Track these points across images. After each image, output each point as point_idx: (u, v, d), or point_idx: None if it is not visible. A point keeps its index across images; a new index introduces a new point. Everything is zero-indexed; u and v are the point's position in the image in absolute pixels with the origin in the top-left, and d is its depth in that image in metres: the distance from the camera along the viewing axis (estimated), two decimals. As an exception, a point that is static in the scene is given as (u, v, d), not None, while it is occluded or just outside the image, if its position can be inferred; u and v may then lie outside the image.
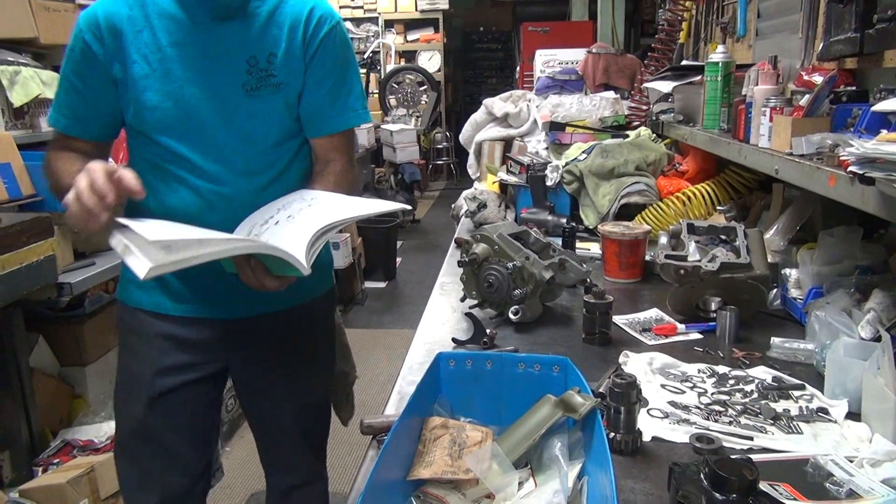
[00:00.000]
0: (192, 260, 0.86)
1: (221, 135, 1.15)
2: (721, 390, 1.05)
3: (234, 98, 1.14)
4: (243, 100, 1.15)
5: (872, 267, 1.22)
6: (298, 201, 1.11)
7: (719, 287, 1.31)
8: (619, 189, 1.93)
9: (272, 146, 1.19)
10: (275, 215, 1.07)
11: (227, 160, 1.16)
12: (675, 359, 1.15)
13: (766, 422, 0.96)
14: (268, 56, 1.15)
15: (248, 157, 1.17)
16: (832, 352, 1.01)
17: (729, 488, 0.72)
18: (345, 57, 1.23)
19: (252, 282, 1.01)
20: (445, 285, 1.61)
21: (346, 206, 1.06)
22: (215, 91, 1.13)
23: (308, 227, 0.98)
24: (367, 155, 5.46)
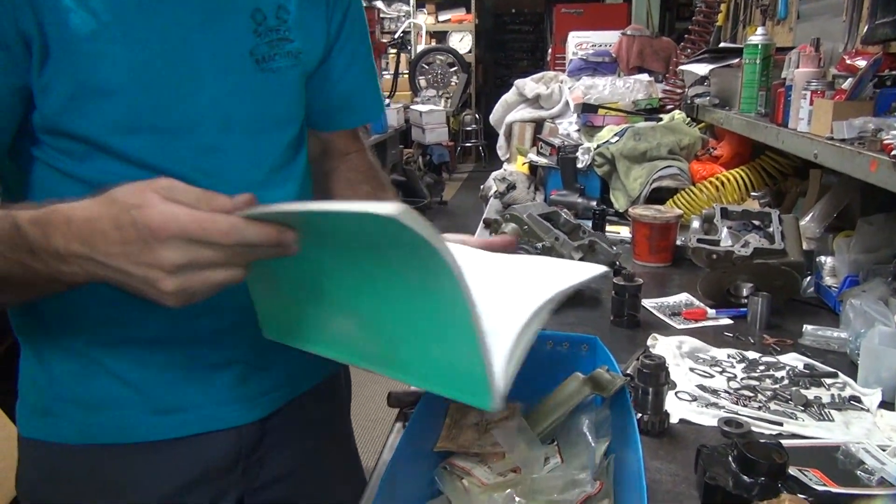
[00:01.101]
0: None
1: (218, 133, 0.75)
2: (751, 375, 1.04)
3: (240, 72, 0.76)
4: (253, 75, 0.77)
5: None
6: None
7: (752, 273, 1.29)
8: (650, 173, 1.91)
9: (287, 147, 0.83)
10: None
11: (226, 173, 0.75)
12: (705, 343, 1.14)
13: (797, 408, 0.94)
14: (276, 10, 0.78)
15: (256, 166, 0.79)
16: (867, 340, 0.99)
17: (757, 471, 0.71)
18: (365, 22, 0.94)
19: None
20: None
21: (543, 274, 0.66)
22: (211, 62, 0.73)
23: (505, 318, 0.56)
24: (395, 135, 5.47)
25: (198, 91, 0.73)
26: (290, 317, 0.67)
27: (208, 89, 0.74)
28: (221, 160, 0.76)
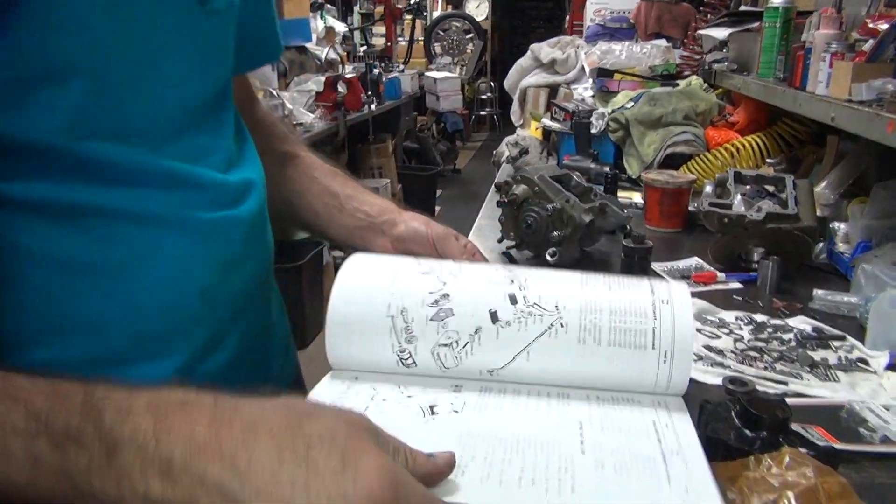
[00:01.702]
0: None
1: (162, 91, 0.58)
2: (758, 337, 1.04)
3: (186, 17, 0.60)
4: (199, 22, 0.62)
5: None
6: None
7: (763, 237, 1.28)
8: (665, 138, 1.89)
9: (222, 102, 0.69)
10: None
11: (164, 141, 0.58)
12: (714, 305, 1.14)
13: (803, 369, 0.94)
14: None
15: (196, 127, 0.62)
16: (877, 303, 0.99)
17: (760, 426, 0.71)
18: None
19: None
20: (483, 227, 1.61)
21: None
22: (153, 6, 0.56)
23: None
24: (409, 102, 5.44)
25: (133, 45, 0.55)
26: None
27: (149, 42, 0.57)
28: (163, 130, 0.60)
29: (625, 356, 0.56)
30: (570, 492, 0.42)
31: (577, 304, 0.58)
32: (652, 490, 0.43)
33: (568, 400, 0.56)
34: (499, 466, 0.44)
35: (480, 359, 0.57)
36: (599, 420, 0.53)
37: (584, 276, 0.63)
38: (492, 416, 0.52)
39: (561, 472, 0.44)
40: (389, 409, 0.53)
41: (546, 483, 0.42)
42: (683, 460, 0.48)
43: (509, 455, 0.45)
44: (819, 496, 0.61)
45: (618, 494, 0.42)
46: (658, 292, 0.59)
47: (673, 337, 0.56)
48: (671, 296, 0.59)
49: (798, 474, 0.63)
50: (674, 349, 0.56)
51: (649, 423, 0.53)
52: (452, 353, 0.57)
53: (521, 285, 0.60)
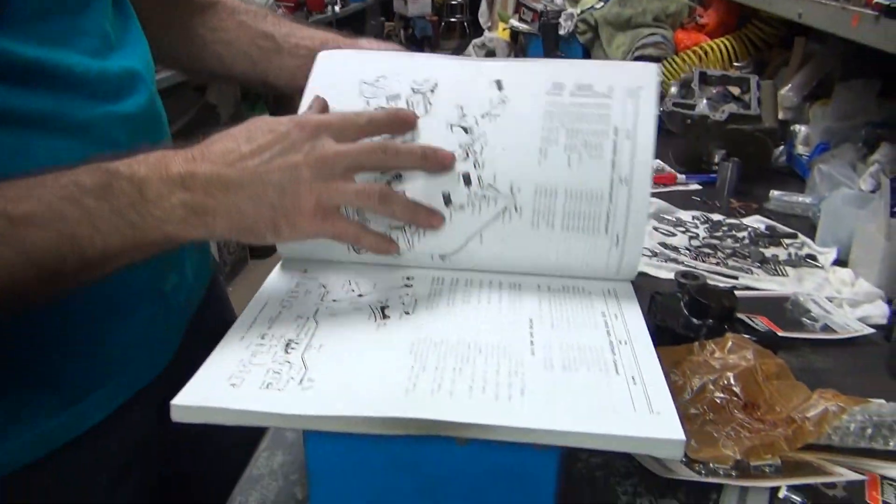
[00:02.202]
0: None
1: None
2: (713, 235, 1.05)
3: None
4: None
5: (885, 122, 1.18)
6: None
7: (725, 139, 1.28)
8: (634, 40, 1.85)
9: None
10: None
11: (21, 24, 0.50)
12: (672, 205, 1.14)
13: (754, 265, 0.96)
14: None
15: (61, 4, 0.54)
16: (829, 201, 1.00)
17: (706, 314, 0.73)
18: None
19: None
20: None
21: None
22: None
23: None
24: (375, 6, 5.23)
25: None
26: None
27: None
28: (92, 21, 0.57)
29: (577, 240, 0.56)
30: (520, 395, 0.42)
31: (532, 186, 0.56)
32: (599, 382, 0.44)
33: (520, 293, 0.56)
34: (450, 377, 0.44)
35: (433, 242, 0.57)
36: (550, 316, 0.53)
37: (546, 131, 0.57)
38: (443, 318, 0.51)
39: (511, 377, 0.44)
40: (340, 311, 0.52)
41: (496, 389, 0.43)
42: (631, 349, 0.48)
43: (460, 364, 0.45)
44: (757, 376, 0.63)
45: (566, 391, 0.43)
46: (619, 166, 0.56)
47: (627, 221, 0.55)
48: (632, 170, 0.56)
49: (739, 357, 0.65)
50: (626, 233, 0.55)
51: (598, 314, 0.53)
52: (405, 236, 0.57)
53: (477, 160, 0.57)
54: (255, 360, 0.45)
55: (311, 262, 0.59)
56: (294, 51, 0.74)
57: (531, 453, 0.42)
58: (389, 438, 0.42)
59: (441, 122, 0.59)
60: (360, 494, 0.44)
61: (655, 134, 0.58)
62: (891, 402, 0.62)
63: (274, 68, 0.75)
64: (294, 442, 0.61)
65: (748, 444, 0.56)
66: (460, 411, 0.40)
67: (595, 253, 0.56)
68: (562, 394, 0.42)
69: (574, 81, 0.60)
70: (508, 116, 0.59)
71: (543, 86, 0.60)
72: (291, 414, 0.41)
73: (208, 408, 0.41)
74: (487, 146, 0.58)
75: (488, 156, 0.57)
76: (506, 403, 0.41)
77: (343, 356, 0.46)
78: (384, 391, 0.42)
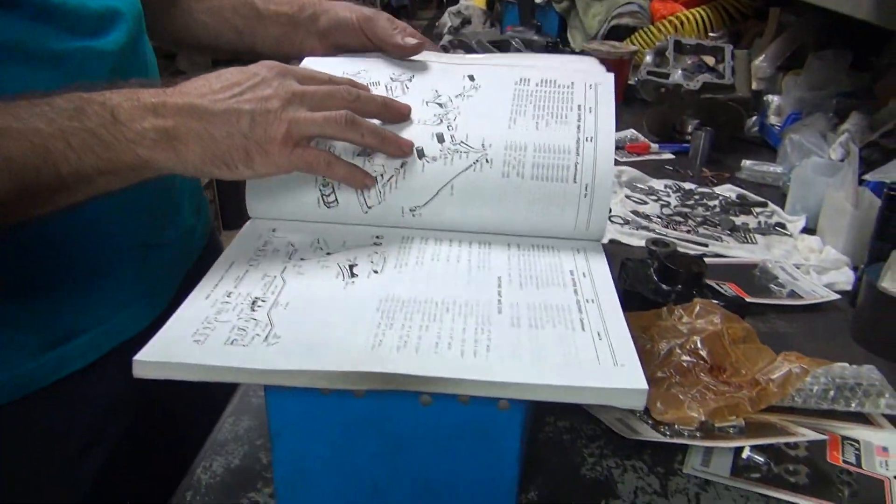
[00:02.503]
0: None
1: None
2: (685, 204, 1.05)
3: None
4: None
5: (856, 93, 1.19)
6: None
7: (698, 108, 1.28)
8: (610, 9, 1.83)
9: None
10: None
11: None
12: (645, 174, 1.14)
13: (724, 232, 0.97)
14: None
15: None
16: (799, 169, 1.01)
17: (676, 280, 0.74)
18: None
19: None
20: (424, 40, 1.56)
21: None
22: None
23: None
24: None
25: None
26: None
27: None
28: None
29: (547, 191, 0.56)
30: (486, 351, 0.42)
31: (502, 142, 0.58)
32: (565, 339, 0.44)
33: (489, 253, 0.56)
34: (416, 333, 0.44)
35: (404, 195, 0.56)
36: (519, 275, 0.52)
37: (515, 107, 0.61)
38: (412, 277, 0.51)
39: (477, 334, 0.44)
40: (308, 270, 0.52)
41: (462, 346, 0.43)
42: (598, 307, 0.48)
43: (427, 321, 0.45)
44: (723, 340, 0.63)
45: (532, 347, 0.43)
46: (584, 128, 0.58)
47: (594, 172, 0.56)
48: (596, 133, 0.58)
49: (706, 321, 0.66)
50: (594, 184, 0.55)
51: (567, 273, 0.53)
52: (376, 189, 0.56)
53: (450, 124, 0.59)
54: (221, 317, 0.44)
55: (279, 221, 0.59)
56: (275, 18, 0.73)
57: (494, 413, 0.41)
58: (351, 398, 0.41)
59: (417, 100, 0.61)
60: (322, 454, 0.44)
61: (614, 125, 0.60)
62: (853, 365, 0.63)
63: (259, 37, 0.74)
64: (259, 407, 0.60)
65: (713, 405, 0.57)
66: (425, 366, 0.40)
67: (565, 202, 0.56)
68: (527, 349, 0.42)
69: (539, 77, 0.64)
70: (480, 96, 0.63)
71: (512, 79, 0.64)
72: (255, 369, 0.40)
73: (171, 363, 0.40)
74: (461, 115, 0.60)
75: (461, 122, 0.59)
76: (471, 359, 0.41)
77: (309, 314, 0.46)
78: (350, 347, 0.42)
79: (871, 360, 0.68)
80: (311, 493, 0.45)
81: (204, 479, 0.52)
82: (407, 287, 0.49)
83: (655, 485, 0.53)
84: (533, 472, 0.54)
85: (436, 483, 0.45)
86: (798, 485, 0.53)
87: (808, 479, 0.54)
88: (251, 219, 0.59)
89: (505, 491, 0.45)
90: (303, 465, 0.45)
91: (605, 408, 0.60)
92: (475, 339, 0.43)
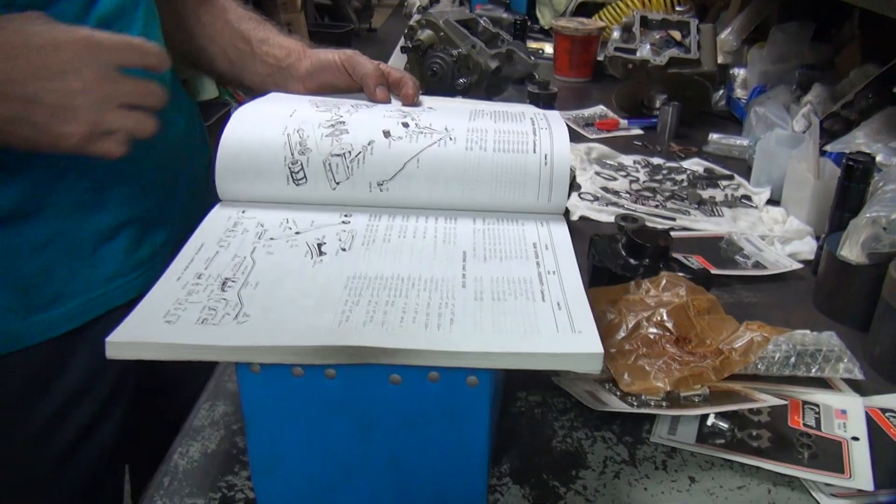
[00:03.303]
0: None
1: None
2: (653, 179, 1.07)
3: None
4: None
5: (818, 64, 1.21)
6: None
7: (665, 83, 1.29)
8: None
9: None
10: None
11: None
12: (614, 150, 1.16)
13: (691, 206, 0.99)
14: None
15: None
16: (763, 141, 1.03)
17: (643, 254, 0.75)
18: None
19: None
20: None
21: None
22: None
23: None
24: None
25: None
26: None
27: None
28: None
29: (509, 161, 0.58)
30: (450, 324, 0.43)
31: (465, 126, 0.60)
32: (526, 309, 0.45)
33: (455, 229, 0.57)
34: (382, 308, 0.45)
35: (372, 169, 0.58)
36: (483, 248, 0.54)
37: (474, 112, 0.65)
38: (379, 254, 0.52)
39: (442, 307, 0.45)
40: (278, 249, 0.52)
41: (427, 319, 0.44)
42: (559, 277, 0.50)
43: (393, 297, 0.46)
44: (688, 311, 0.65)
45: (493, 318, 0.44)
46: (537, 122, 0.63)
47: (552, 145, 0.59)
48: (549, 123, 0.62)
49: (672, 294, 0.67)
50: (553, 156, 0.57)
51: (530, 245, 0.55)
52: (344, 164, 0.57)
53: (413, 117, 0.62)
54: (191, 298, 0.45)
55: (249, 203, 0.59)
56: (264, 58, 0.76)
57: (463, 389, 0.42)
58: (323, 379, 0.42)
59: (381, 110, 0.65)
60: (296, 436, 0.45)
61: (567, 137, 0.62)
62: (814, 332, 0.65)
63: (249, 72, 0.78)
64: (235, 393, 0.60)
65: (678, 375, 0.58)
66: (391, 339, 0.41)
67: (526, 172, 0.58)
68: (489, 321, 0.44)
69: (492, 109, 0.66)
70: (440, 110, 0.66)
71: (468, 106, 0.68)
72: (225, 346, 0.41)
73: (143, 343, 0.41)
74: (423, 116, 0.63)
75: (424, 118, 0.62)
76: (435, 332, 0.42)
77: (279, 293, 0.46)
78: (318, 324, 0.43)
79: (831, 326, 0.70)
80: (286, 475, 0.46)
81: (181, 464, 0.53)
82: (374, 264, 0.51)
83: (624, 454, 0.55)
84: (506, 446, 0.55)
85: (408, 461, 0.46)
86: (760, 449, 0.55)
87: (770, 444, 0.56)
88: (220, 201, 0.59)
89: (476, 466, 0.46)
90: (277, 448, 0.45)
91: (574, 381, 0.61)
92: (439, 313, 0.44)
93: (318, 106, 0.64)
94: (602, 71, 1.56)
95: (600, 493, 0.51)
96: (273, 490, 0.47)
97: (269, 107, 0.66)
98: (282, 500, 0.47)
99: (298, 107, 0.64)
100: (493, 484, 0.52)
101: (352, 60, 0.72)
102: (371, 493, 0.47)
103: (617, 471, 0.53)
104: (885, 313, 0.65)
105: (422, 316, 0.44)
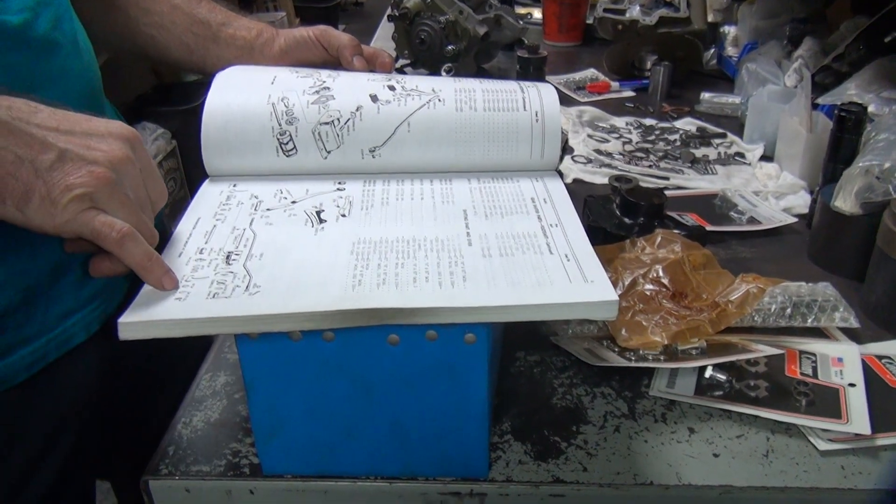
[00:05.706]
0: None
1: None
2: (646, 139, 1.06)
3: None
4: None
5: (808, 18, 1.19)
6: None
7: (656, 43, 1.28)
8: (565, -52, 1.81)
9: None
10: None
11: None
12: (606, 112, 1.15)
13: (685, 165, 0.98)
14: None
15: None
16: (755, 97, 1.02)
17: (638, 213, 0.75)
18: None
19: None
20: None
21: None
22: None
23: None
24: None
25: None
26: None
27: None
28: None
29: (500, 120, 0.58)
30: (462, 281, 0.44)
31: (451, 87, 0.60)
32: (536, 263, 0.46)
33: (451, 188, 0.57)
34: (393, 270, 0.45)
35: (363, 136, 0.57)
36: (483, 207, 0.54)
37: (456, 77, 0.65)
38: (380, 218, 0.52)
39: (452, 266, 0.45)
40: (276, 220, 0.52)
41: (439, 278, 0.44)
42: (562, 230, 0.50)
43: (402, 259, 0.46)
44: (684, 267, 0.65)
45: (505, 273, 0.44)
46: (523, 84, 0.62)
47: (542, 103, 0.59)
48: (537, 86, 0.61)
49: (667, 251, 0.67)
50: (544, 112, 0.57)
51: (528, 200, 0.55)
52: (334, 132, 0.57)
53: (398, 80, 0.61)
54: (198, 274, 0.45)
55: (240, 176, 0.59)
56: (230, 41, 0.72)
57: (461, 347, 0.43)
58: (321, 342, 0.42)
59: (364, 75, 0.63)
60: (296, 400, 0.45)
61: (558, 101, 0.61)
62: (809, 283, 0.66)
63: (211, 57, 0.73)
64: (235, 363, 0.61)
65: (675, 329, 0.58)
66: (407, 298, 0.41)
67: (518, 129, 0.58)
68: (501, 276, 0.44)
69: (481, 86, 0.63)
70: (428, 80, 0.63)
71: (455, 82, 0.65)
72: (240, 316, 0.41)
73: (156, 321, 0.41)
74: (407, 79, 0.62)
75: (409, 81, 0.61)
76: (449, 290, 0.42)
77: (285, 262, 0.46)
78: (332, 289, 0.43)
79: (826, 277, 0.70)
80: (288, 439, 0.47)
81: (185, 433, 0.53)
82: (377, 228, 0.51)
83: (623, 408, 0.56)
84: (506, 405, 0.56)
85: (409, 420, 0.46)
86: (758, 398, 0.56)
87: (768, 393, 0.56)
88: (209, 177, 0.59)
89: (477, 423, 0.46)
90: (278, 412, 0.46)
91: (572, 339, 0.62)
92: (451, 272, 0.44)
93: (298, 72, 0.63)
94: (592, 34, 1.54)
95: (601, 446, 0.52)
96: (276, 454, 0.48)
97: (247, 75, 0.64)
98: (285, 464, 0.48)
99: (277, 73, 0.63)
100: (495, 441, 0.52)
101: (326, 34, 0.70)
102: (373, 454, 0.47)
103: (617, 425, 0.54)
104: (880, 261, 0.65)
105: (434, 275, 0.44)
